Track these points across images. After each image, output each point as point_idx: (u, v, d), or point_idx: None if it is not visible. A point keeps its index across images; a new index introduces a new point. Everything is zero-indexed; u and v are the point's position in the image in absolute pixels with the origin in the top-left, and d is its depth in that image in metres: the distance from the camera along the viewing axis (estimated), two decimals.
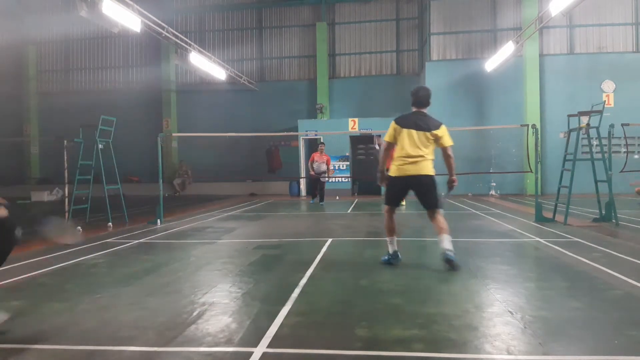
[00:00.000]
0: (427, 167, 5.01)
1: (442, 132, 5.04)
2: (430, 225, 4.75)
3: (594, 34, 17.29)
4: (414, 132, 4.98)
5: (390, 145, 5.15)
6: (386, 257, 5.21)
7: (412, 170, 4.96)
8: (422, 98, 5.16)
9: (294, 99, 20.37)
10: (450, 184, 5.24)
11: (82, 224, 9.03)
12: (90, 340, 3.00)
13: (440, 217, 5.05)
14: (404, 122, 5.09)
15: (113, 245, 6.86)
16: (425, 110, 5.19)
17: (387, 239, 5.20)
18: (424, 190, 5.06)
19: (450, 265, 4.79)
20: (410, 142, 4.97)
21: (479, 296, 3.93)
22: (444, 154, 5.13)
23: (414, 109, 5.19)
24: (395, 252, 5.18)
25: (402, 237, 7.50)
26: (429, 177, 5.01)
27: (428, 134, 4.97)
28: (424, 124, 5.01)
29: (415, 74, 19.85)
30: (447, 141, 5.07)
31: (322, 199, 14.21)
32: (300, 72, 20.86)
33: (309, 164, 14.44)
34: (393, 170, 5.09)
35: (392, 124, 5.13)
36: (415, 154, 4.95)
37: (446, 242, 4.89)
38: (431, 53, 17.81)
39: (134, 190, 16.41)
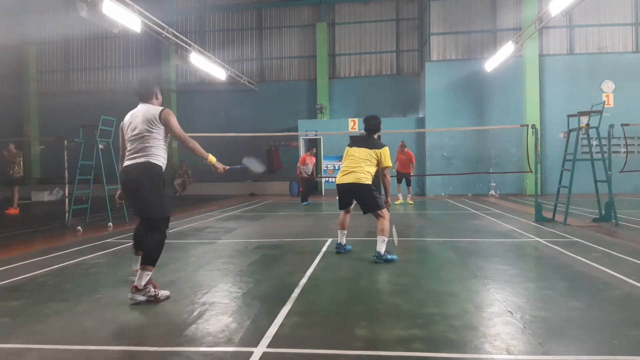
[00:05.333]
0: (362, 177, 5.52)
1: (384, 153, 5.62)
2: (430, 226, 4.82)
3: (594, 34, 17.29)
4: (356, 148, 5.70)
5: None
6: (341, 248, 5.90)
7: (349, 179, 5.57)
8: (372, 126, 5.84)
9: (294, 99, 20.38)
10: (385, 204, 5.68)
11: (82, 224, 9.04)
12: (90, 340, 3.00)
13: (380, 220, 5.50)
14: (352, 142, 5.90)
15: (113, 245, 6.86)
16: (375, 136, 5.86)
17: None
18: (359, 197, 5.65)
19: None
20: (352, 157, 5.66)
21: (479, 296, 3.93)
22: (380, 173, 5.67)
23: (365, 134, 5.92)
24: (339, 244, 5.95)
25: (402, 237, 7.51)
26: (364, 186, 5.51)
27: (370, 151, 5.59)
28: (368, 144, 5.68)
29: (415, 74, 19.85)
30: (384, 162, 5.61)
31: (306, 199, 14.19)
32: (300, 72, 20.87)
33: (301, 166, 14.32)
34: (337, 179, 5.81)
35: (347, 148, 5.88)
36: (354, 165, 5.59)
37: (378, 244, 5.39)
38: (431, 53, 17.81)
39: None
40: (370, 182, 5.54)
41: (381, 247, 5.34)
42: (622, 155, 12.71)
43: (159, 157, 4.00)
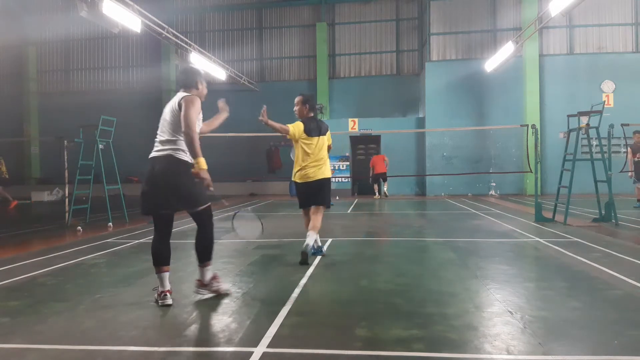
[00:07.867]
0: (327, 171, 5.49)
1: (329, 134, 5.66)
2: (430, 226, 4.82)
3: (594, 34, 17.30)
4: (315, 138, 5.45)
5: (288, 134, 5.50)
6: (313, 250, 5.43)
7: (317, 174, 5.39)
8: (315, 103, 5.80)
9: (294, 99, 20.29)
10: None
11: (82, 224, 9.04)
12: (90, 340, 3.00)
13: (320, 216, 5.44)
14: (309, 129, 5.48)
15: (113, 245, 6.86)
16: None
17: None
18: (321, 190, 5.43)
19: (303, 257, 5.16)
20: (312, 148, 5.42)
21: (479, 296, 3.92)
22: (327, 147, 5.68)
23: (311, 114, 5.70)
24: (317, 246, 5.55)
25: (402, 237, 7.50)
26: (328, 180, 5.49)
27: (324, 137, 5.55)
28: (322, 130, 5.57)
29: (415, 74, 19.85)
30: (330, 141, 5.73)
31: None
32: (300, 72, 20.87)
33: None
34: (299, 176, 5.45)
35: (301, 126, 5.48)
36: (319, 158, 5.43)
37: (310, 239, 5.29)
38: (431, 53, 17.81)
39: (134, 191, 16.34)
40: (331, 175, 5.57)
41: (312, 241, 5.33)
42: (622, 155, 12.72)
43: (183, 151, 3.81)
